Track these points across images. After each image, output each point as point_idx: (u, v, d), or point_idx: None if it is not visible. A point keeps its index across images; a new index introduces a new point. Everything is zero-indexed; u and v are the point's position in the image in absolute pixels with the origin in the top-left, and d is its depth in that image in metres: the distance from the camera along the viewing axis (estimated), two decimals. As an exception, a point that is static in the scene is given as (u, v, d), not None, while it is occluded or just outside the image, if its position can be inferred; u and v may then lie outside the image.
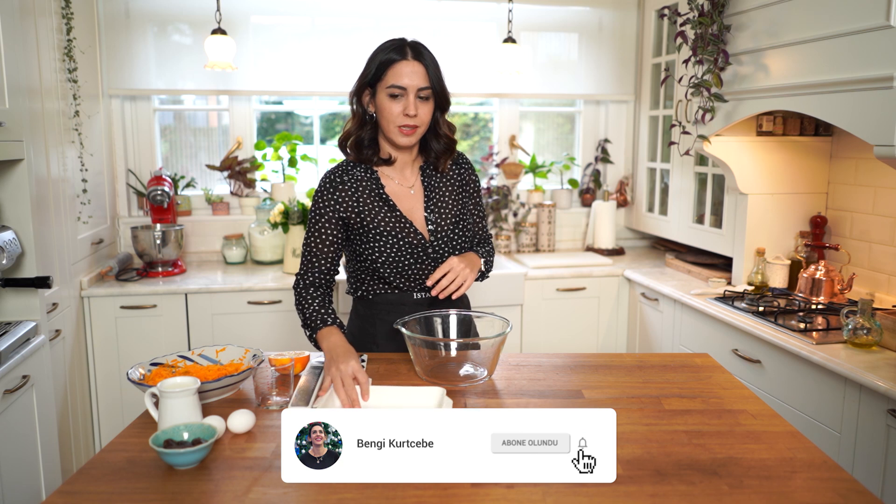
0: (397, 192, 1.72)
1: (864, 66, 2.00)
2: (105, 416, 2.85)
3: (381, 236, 1.66)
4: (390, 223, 1.67)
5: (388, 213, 1.68)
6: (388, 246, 1.66)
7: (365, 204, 1.67)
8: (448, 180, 1.77)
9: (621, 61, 3.63)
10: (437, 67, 1.64)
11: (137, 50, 3.20)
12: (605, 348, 3.27)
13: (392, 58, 1.60)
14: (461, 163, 1.81)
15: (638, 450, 1.21)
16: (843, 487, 1.10)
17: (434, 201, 1.73)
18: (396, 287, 1.71)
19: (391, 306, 1.72)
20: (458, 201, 1.77)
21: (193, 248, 3.39)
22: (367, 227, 1.66)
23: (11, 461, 1.86)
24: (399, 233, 1.67)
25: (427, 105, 1.63)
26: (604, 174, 3.81)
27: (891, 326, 2.02)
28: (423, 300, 1.73)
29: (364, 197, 1.68)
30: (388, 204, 1.68)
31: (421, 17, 3.43)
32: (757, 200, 2.77)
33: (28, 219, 2.04)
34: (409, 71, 1.59)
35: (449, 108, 1.71)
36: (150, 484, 1.10)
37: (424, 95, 1.62)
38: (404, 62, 1.60)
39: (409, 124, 1.62)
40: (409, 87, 1.59)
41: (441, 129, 1.70)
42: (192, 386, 1.25)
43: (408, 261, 1.67)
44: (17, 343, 1.91)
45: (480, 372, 1.56)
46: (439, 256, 1.70)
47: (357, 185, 1.69)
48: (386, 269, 1.67)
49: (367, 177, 1.70)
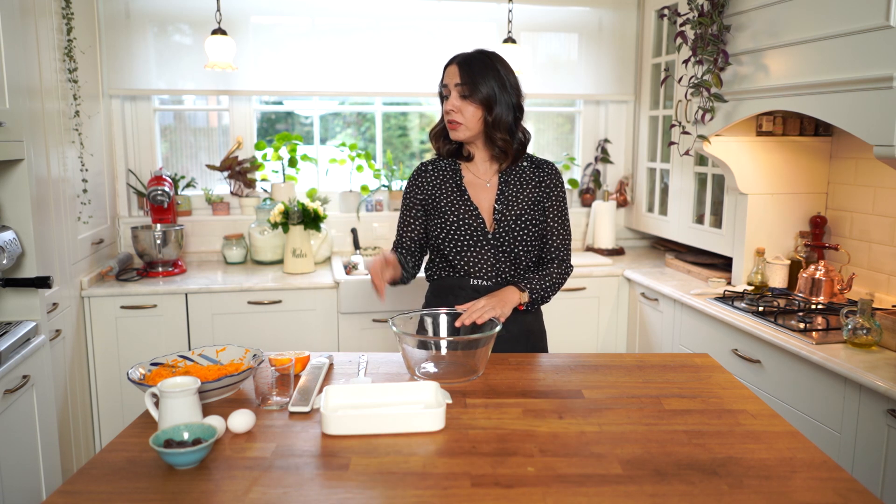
0: (473, 183, 1.89)
1: (863, 66, 2.00)
2: (105, 416, 2.85)
3: (447, 217, 1.85)
4: (460, 208, 1.85)
5: (459, 198, 1.86)
6: (454, 228, 1.84)
7: (442, 190, 1.88)
8: (525, 180, 1.88)
9: (621, 61, 3.63)
10: (488, 73, 1.77)
11: (138, 50, 3.20)
12: (605, 348, 3.27)
13: (446, 64, 1.83)
14: (545, 168, 1.91)
15: (638, 450, 1.21)
16: (843, 487, 1.10)
17: (506, 195, 1.86)
18: (460, 270, 1.86)
19: (451, 289, 1.87)
20: (532, 200, 1.86)
21: (193, 248, 3.39)
22: (439, 209, 1.86)
23: (11, 461, 1.86)
24: (464, 215, 1.84)
25: (469, 104, 1.78)
26: (604, 174, 3.81)
27: (890, 326, 2.02)
28: (480, 287, 1.85)
29: (443, 184, 1.89)
30: (461, 191, 1.87)
31: (421, 18, 3.43)
32: (757, 200, 2.77)
33: (28, 219, 2.04)
34: (449, 72, 1.80)
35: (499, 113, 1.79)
36: (150, 484, 1.10)
37: (464, 94, 1.77)
38: (449, 66, 1.81)
39: (451, 119, 1.80)
40: (448, 84, 1.80)
41: (494, 133, 1.81)
42: (192, 386, 1.25)
43: (468, 243, 1.83)
44: (17, 343, 1.91)
45: (472, 371, 1.58)
46: (500, 244, 1.83)
47: (440, 173, 1.91)
48: (448, 247, 1.84)
49: (451, 168, 1.91)
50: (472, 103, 1.77)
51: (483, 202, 1.86)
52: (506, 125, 1.80)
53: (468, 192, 1.86)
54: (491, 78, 1.77)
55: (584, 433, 1.28)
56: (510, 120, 1.81)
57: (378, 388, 1.41)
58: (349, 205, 3.52)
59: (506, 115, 1.79)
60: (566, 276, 1.90)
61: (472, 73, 1.76)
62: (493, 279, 1.84)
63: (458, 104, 1.77)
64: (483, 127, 1.80)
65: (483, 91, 1.76)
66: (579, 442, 1.25)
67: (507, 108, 1.79)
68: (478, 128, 1.80)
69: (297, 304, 2.94)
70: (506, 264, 1.84)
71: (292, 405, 1.38)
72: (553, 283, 1.85)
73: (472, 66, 1.77)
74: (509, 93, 1.80)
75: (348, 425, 1.26)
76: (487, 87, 1.76)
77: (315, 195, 3.49)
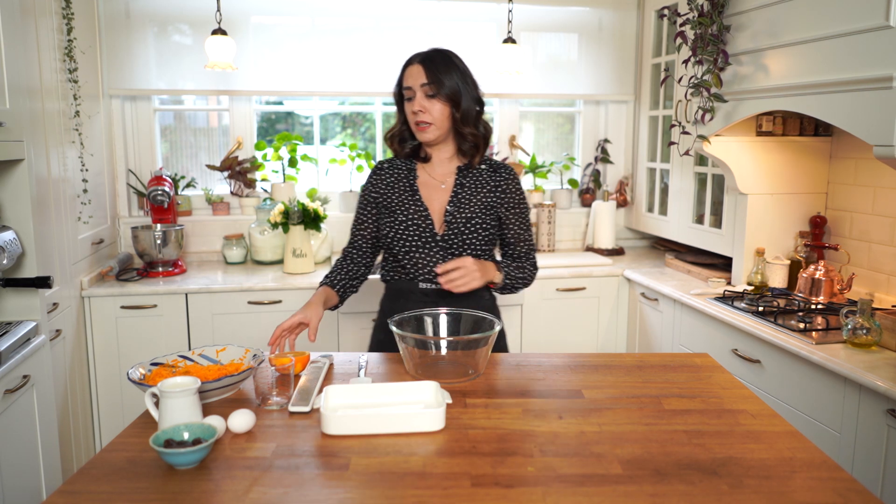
0: (427, 184, 1.87)
1: (863, 66, 2.00)
2: (105, 416, 2.85)
3: (396, 216, 1.82)
4: (410, 207, 1.83)
5: (410, 198, 1.84)
6: (403, 228, 1.81)
7: (395, 189, 1.86)
8: (481, 183, 1.86)
9: (621, 61, 3.63)
10: (451, 69, 1.76)
11: (138, 50, 3.20)
12: (605, 348, 3.27)
13: (404, 65, 1.80)
14: (502, 173, 1.88)
15: (638, 450, 1.22)
16: (843, 487, 1.10)
17: (459, 197, 1.84)
18: (410, 272, 1.83)
19: (403, 293, 1.85)
20: (485, 204, 1.84)
21: (194, 248, 3.39)
22: (390, 209, 1.84)
23: (12, 461, 1.86)
24: (413, 215, 1.81)
25: (436, 102, 1.75)
26: (604, 174, 3.81)
27: (890, 326, 2.02)
28: (428, 290, 1.82)
29: (397, 183, 1.87)
30: (413, 190, 1.85)
31: (421, 18, 3.43)
32: (757, 200, 2.77)
33: (28, 219, 2.04)
34: (412, 73, 1.76)
35: (467, 107, 1.78)
36: (150, 484, 1.10)
37: (430, 93, 1.74)
38: (409, 67, 1.78)
39: (419, 120, 1.76)
40: (413, 86, 1.76)
41: (463, 129, 1.79)
42: (192, 386, 1.25)
43: (416, 244, 1.81)
44: (17, 343, 1.91)
45: (472, 370, 1.58)
46: (448, 247, 1.81)
47: (395, 172, 1.89)
48: (397, 246, 1.82)
49: (407, 168, 1.89)
50: (440, 101, 1.75)
51: (435, 203, 1.83)
52: (473, 119, 1.80)
53: (420, 192, 1.84)
54: (454, 73, 1.76)
55: (584, 433, 1.28)
56: (475, 115, 1.80)
57: (378, 388, 1.41)
58: (349, 205, 3.52)
59: (472, 108, 1.79)
60: (534, 278, 1.91)
61: (437, 70, 1.74)
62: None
63: (426, 104, 1.74)
64: (451, 124, 1.79)
65: (449, 87, 1.74)
66: (579, 442, 1.25)
67: (471, 101, 1.79)
68: (447, 125, 1.79)
69: (297, 304, 2.93)
70: None
71: (292, 405, 1.38)
72: (524, 277, 1.87)
73: (435, 63, 1.75)
74: (470, 86, 1.79)
75: (348, 425, 1.26)
76: (452, 83, 1.75)
77: (315, 195, 3.49)
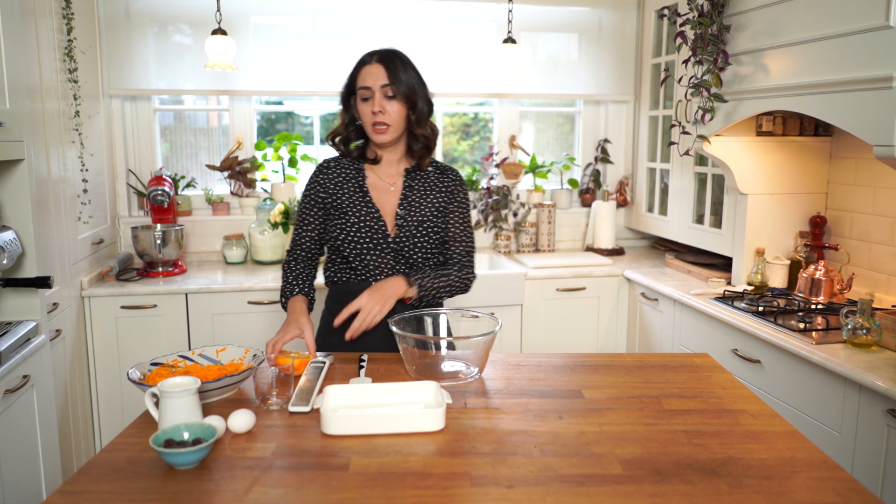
0: (377, 186, 1.83)
1: (863, 66, 2.00)
2: (105, 416, 2.85)
3: (348, 217, 1.78)
4: (361, 209, 1.79)
5: (360, 199, 1.80)
6: (355, 230, 1.78)
7: (344, 191, 1.81)
8: (430, 185, 1.85)
9: (621, 61, 3.63)
10: (408, 70, 1.75)
11: (138, 50, 3.20)
12: (605, 348, 3.27)
13: (360, 64, 1.76)
14: (450, 175, 1.87)
15: (638, 450, 1.22)
16: (843, 487, 1.10)
17: (409, 199, 1.82)
18: (361, 274, 1.80)
19: (353, 294, 1.75)
20: (435, 206, 1.83)
21: (194, 248, 3.39)
22: (340, 209, 1.80)
23: (12, 461, 1.86)
24: (365, 217, 1.78)
25: (395, 104, 1.73)
26: (604, 174, 3.81)
27: (890, 326, 2.02)
28: None
29: (345, 184, 1.82)
30: (363, 192, 1.81)
31: (421, 18, 3.43)
32: (757, 200, 2.77)
33: (28, 219, 2.04)
34: (371, 72, 1.73)
35: (422, 108, 1.77)
36: (150, 484, 1.10)
37: (390, 94, 1.72)
38: (367, 66, 1.74)
39: (378, 121, 1.73)
40: (372, 86, 1.72)
41: (416, 130, 1.77)
42: (192, 386, 1.25)
43: (368, 246, 1.78)
44: (17, 343, 1.91)
45: (471, 370, 1.57)
46: (401, 249, 1.79)
47: (342, 172, 1.84)
48: (347, 248, 1.78)
49: (354, 168, 1.85)
50: (398, 102, 1.72)
51: (386, 205, 1.81)
52: (426, 120, 1.79)
53: (371, 193, 1.81)
54: (410, 73, 1.74)
55: (584, 433, 1.28)
56: (426, 114, 1.79)
57: (378, 388, 1.41)
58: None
59: (425, 109, 1.78)
60: (467, 283, 1.83)
61: (396, 70, 1.71)
62: None
63: (385, 104, 1.71)
64: (406, 125, 1.77)
65: (408, 88, 1.73)
66: (579, 442, 1.25)
67: (424, 102, 1.77)
68: (402, 127, 1.76)
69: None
70: (405, 269, 1.80)
71: (292, 405, 1.38)
72: (449, 284, 1.79)
73: (394, 63, 1.72)
74: (423, 86, 1.78)
75: (348, 425, 1.26)
76: (409, 84, 1.73)
77: (315, 195, 3.49)
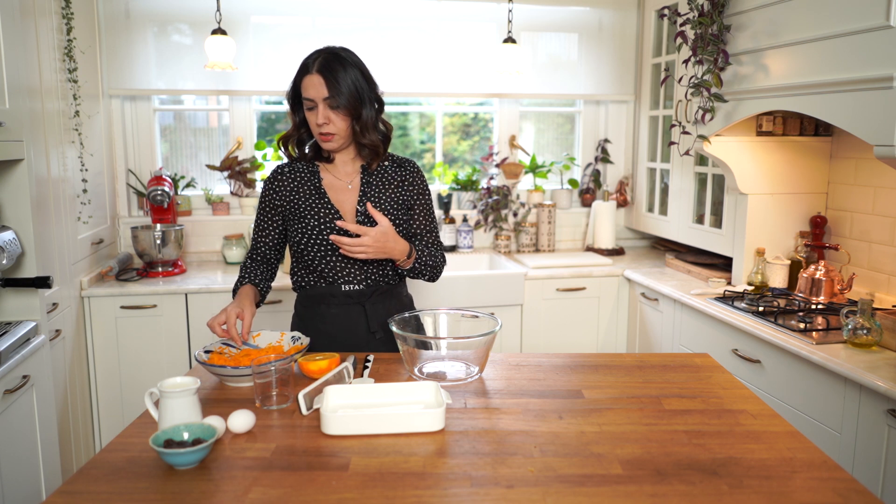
0: (334, 185, 1.82)
1: (864, 66, 2.00)
2: (105, 416, 2.85)
3: (307, 221, 1.77)
4: (320, 211, 1.77)
5: (318, 201, 1.78)
6: (316, 233, 1.76)
7: (300, 193, 1.80)
8: (387, 180, 1.84)
9: (621, 61, 3.63)
10: (349, 74, 1.69)
11: (137, 50, 3.20)
12: (605, 348, 3.27)
13: (301, 73, 1.73)
14: (407, 167, 1.86)
15: (638, 450, 1.21)
16: (843, 487, 1.10)
17: (368, 196, 1.81)
18: (328, 277, 1.80)
19: (322, 298, 1.81)
20: (395, 200, 1.82)
21: (193, 248, 3.39)
22: (298, 214, 1.78)
23: (11, 461, 1.86)
24: (325, 219, 1.76)
25: (340, 114, 1.71)
26: (604, 174, 3.81)
27: (891, 326, 2.02)
28: (352, 292, 1.81)
29: (301, 187, 1.81)
30: (321, 193, 1.79)
31: (421, 18, 3.43)
32: (757, 200, 2.77)
33: (28, 219, 2.04)
34: (313, 83, 1.69)
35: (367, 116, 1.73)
36: (150, 484, 1.10)
37: (334, 105, 1.69)
38: (307, 77, 1.70)
39: (323, 132, 1.72)
40: (315, 98, 1.69)
41: (362, 139, 1.75)
42: (192, 386, 1.25)
43: (332, 247, 1.77)
44: (17, 343, 1.91)
45: (471, 370, 1.58)
46: None
47: (296, 175, 1.82)
48: (311, 252, 1.77)
49: (309, 170, 1.83)
50: (342, 113, 1.70)
51: (345, 204, 1.79)
52: (373, 125, 1.76)
53: (328, 194, 1.79)
54: (352, 79, 1.70)
55: (584, 433, 1.28)
56: (374, 118, 1.76)
57: (378, 388, 1.41)
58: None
59: (372, 115, 1.75)
60: (442, 269, 1.89)
61: (337, 81, 1.67)
62: (363, 282, 1.80)
63: (330, 115, 1.69)
64: (351, 134, 1.76)
65: (350, 97, 1.69)
66: (579, 442, 1.25)
67: (370, 106, 1.74)
68: (349, 133, 1.75)
69: (297, 304, 2.94)
70: (374, 266, 1.80)
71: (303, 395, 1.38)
72: (434, 265, 1.84)
73: (335, 73, 1.68)
74: (370, 87, 1.74)
75: (348, 425, 1.26)
76: (353, 92, 1.69)
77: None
